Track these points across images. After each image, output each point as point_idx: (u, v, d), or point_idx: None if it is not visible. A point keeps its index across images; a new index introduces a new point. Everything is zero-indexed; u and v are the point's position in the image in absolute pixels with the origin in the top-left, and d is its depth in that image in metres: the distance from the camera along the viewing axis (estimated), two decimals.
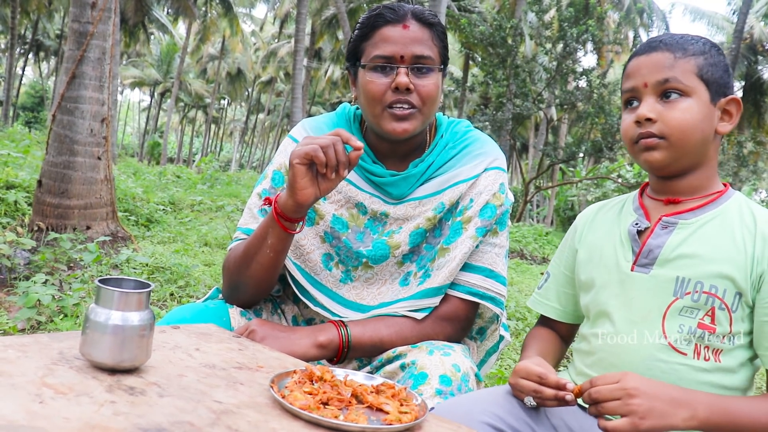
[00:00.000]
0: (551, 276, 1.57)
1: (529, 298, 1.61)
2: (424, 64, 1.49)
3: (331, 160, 1.32)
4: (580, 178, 18.82)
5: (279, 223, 1.41)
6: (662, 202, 1.37)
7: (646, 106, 1.30)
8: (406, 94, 1.48)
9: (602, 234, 1.45)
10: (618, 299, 1.35)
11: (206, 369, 1.12)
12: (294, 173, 1.34)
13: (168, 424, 0.86)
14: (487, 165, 1.58)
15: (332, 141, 1.32)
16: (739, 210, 1.31)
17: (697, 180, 1.34)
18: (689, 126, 1.28)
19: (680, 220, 1.33)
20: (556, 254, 1.59)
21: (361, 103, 1.54)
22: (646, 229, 1.36)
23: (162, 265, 4.86)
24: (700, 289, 1.26)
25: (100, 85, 5.14)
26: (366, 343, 1.48)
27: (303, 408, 0.97)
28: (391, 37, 1.48)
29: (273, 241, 1.43)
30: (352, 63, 1.57)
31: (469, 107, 30.78)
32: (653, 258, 1.32)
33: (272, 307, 1.66)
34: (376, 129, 1.53)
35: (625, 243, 1.38)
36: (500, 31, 16.62)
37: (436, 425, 1.05)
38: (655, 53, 1.31)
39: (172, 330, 1.34)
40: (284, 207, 1.39)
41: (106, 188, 5.34)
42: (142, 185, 10.01)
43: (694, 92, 1.29)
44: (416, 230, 1.56)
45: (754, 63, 28.20)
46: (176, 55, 44.81)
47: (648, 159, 1.32)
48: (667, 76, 1.29)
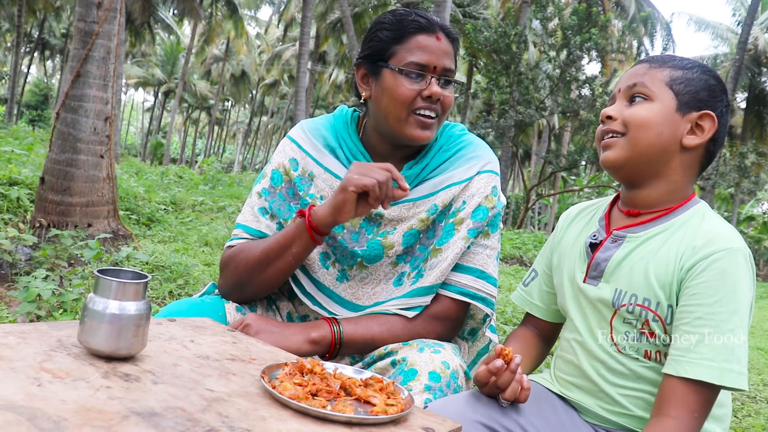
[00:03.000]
0: (537, 275, 1.61)
1: (513, 292, 1.65)
2: (450, 77, 1.57)
3: (382, 195, 1.40)
4: (581, 186, 18.83)
5: (311, 235, 1.47)
6: (624, 213, 1.42)
7: (612, 107, 1.38)
8: (435, 103, 1.54)
9: (571, 241, 1.50)
10: (575, 308, 1.43)
11: (200, 359, 1.16)
12: (346, 199, 1.41)
13: (161, 409, 0.89)
14: (480, 168, 1.62)
15: (387, 178, 1.40)
16: (688, 222, 1.32)
17: (656, 193, 1.36)
18: (644, 123, 1.32)
19: (629, 234, 1.36)
20: (541, 251, 1.64)
21: (381, 103, 1.56)
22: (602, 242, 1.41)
23: (162, 264, 4.89)
24: (634, 301, 1.31)
25: (105, 84, 5.18)
26: (358, 340, 1.51)
27: (292, 398, 1.00)
28: (427, 46, 1.53)
29: (298, 251, 1.49)
30: (374, 61, 1.58)
31: (472, 113, 30.82)
32: (600, 271, 1.37)
33: (267, 303, 1.70)
34: (395, 132, 1.56)
35: (582, 255, 1.44)
36: (504, 37, 16.68)
37: (422, 418, 1.08)
38: (637, 66, 1.39)
39: (168, 322, 1.37)
40: (321, 222, 1.46)
41: (108, 186, 5.37)
42: (144, 185, 10.05)
43: (657, 98, 1.33)
44: (410, 231, 1.59)
45: (758, 74, 28.21)
46: (181, 56, 44.96)
47: (604, 159, 1.38)
48: (635, 81, 1.36)
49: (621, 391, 1.34)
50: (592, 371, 1.38)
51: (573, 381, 1.43)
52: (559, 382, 1.47)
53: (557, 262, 1.52)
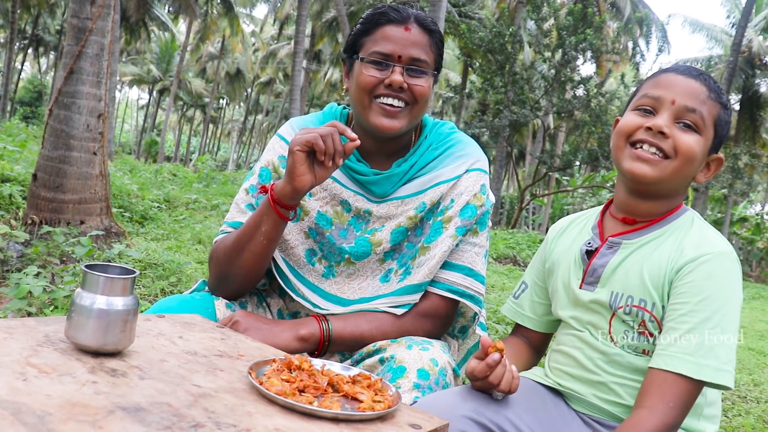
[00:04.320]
0: (528, 287, 1.63)
1: (504, 305, 1.67)
2: (419, 67, 1.55)
3: (329, 148, 1.40)
4: (575, 187, 18.87)
5: (275, 209, 1.47)
6: (619, 220, 1.44)
7: (664, 119, 1.33)
8: (399, 92, 1.54)
9: (564, 250, 1.52)
10: (573, 311, 1.45)
11: (188, 355, 1.16)
12: (294, 160, 1.41)
13: (147, 404, 0.89)
14: (469, 166, 1.62)
15: (330, 131, 1.40)
16: (680, 228, 1.37)
17: (658, 207, 1.40)
18: (692, 158, 1.33)
19: (624, 240, 1.40)
20: (531, 263, 1.66)
21: (351, 94, 1.60)
22: (598, 249, 1.43)
23: (155, 262, 4.88)
24: (630, 303, 1.34)
25: (98, 81, 5.16)
26: (347, 338, 1.51)
27: (279, 393, 1.00)
28: (392, 36, 1.54)
29: (267, 228, 1.49)
30: (349, 55, 1.62)
31: (467, 113, 30.84)
32: (597, 277, 1.40)
33: (258, 300, 1.70)
34: (363, 122, 1.58)
35: (578, 262, 1.46)
36: (499, 37, 16.69)
37: (409, 414, 1.09)
38: (694, 80, 1.35)
39: (157, 318, 1.37)
40: (281, 193, 1.45)
41: (100, 184, 5.36)
42: (138, 182, 10.02)
43: (705, 134, 1.34)
44: (398, 228, 1.60)
45: (752, 76, 28.31)
46: (176, 54, 44.84)
47: (636, 170, 1.34)
48: (696, 107, 1.33)
49: (618, 380, 1.36)
50: (588, 362, 1.40)
51: (569, 371, 1.44)
52: (554, 372, 1.48)
53: (550, 271, 1.54)
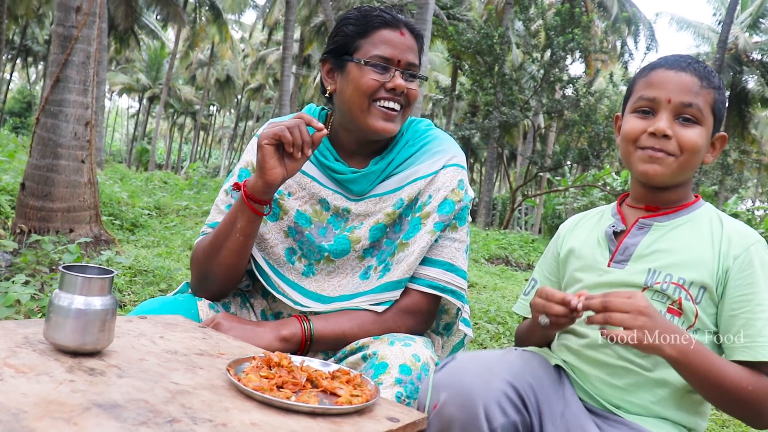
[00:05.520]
0: (537, 282, 1.64)
1: (515, 304, 1.68)
2: (414, 71, 1.61)
3: (296, 139, 1.42)
4: (566, 186, 18.92)
5: (249, 204, 1.48)
6: (641, 209, 1.47)
7: (665, 121, 1.37)
8: (399, 96, 1.58)
9: (583, 238, 1.54)
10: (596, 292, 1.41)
11: (168, 354, 1.17)
12: (263, 154, 1.43)
13: (123, 401, 0.90)
14: (446, 162, 1.64)
15: (296, 122, 1.43)
16: (709, 217, 1.43)
17: (677, 194, 1.45)
18: (697, 150, 1.38)
19: (655, 223, 1.43)
20: (540, 261, 1.67)
21: (345, 95, 1.59)
22: (622, 232, 1.46)
23: (144, 268, 4.87)
24: (669, 280, 1.36)
25: (85, 88, 5.16)
26: (329, 336, 1.52)
27: (256, 389, 1.01)
28: (391, 40, 1.57)
29: (242, 225, 1.50)
30: (339, 55, 1.61)
31: (457, 115, 30.91)
32: (629, 255, 1.42)
33: (241, 300, 1.71)
34: (359, 123, 1.59)
35: (602, 243, 1.48)
36: (487, 39, 16.74)
37: (387, 408, 1.10)
38: (684, 74, 1.39)
39: (138, 320, 1.38)
40: (253, 188, 1.47)
41: (89, 191, 5.35)
42: (128, 190, 9.99)
43: (705, 122, 1.39)
44: (376, 225, 1.61)
45: (739, 73, 28.49)
46: (165, 61, 44.76)
47: (648, 171, 1.39)
48: (691, 101, 1.37)
49: (625, 364, 1.36)
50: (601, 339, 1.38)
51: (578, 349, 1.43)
52: (560, 350, 1.48)
53: (565, 261, 1.55)
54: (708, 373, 1.22)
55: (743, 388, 1.22)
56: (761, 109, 30.91)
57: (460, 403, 1.22)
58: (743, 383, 1.22)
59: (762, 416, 1.26)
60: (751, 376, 1.24)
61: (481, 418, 1.22)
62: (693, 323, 1.34)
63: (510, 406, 1.27)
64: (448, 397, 1.23)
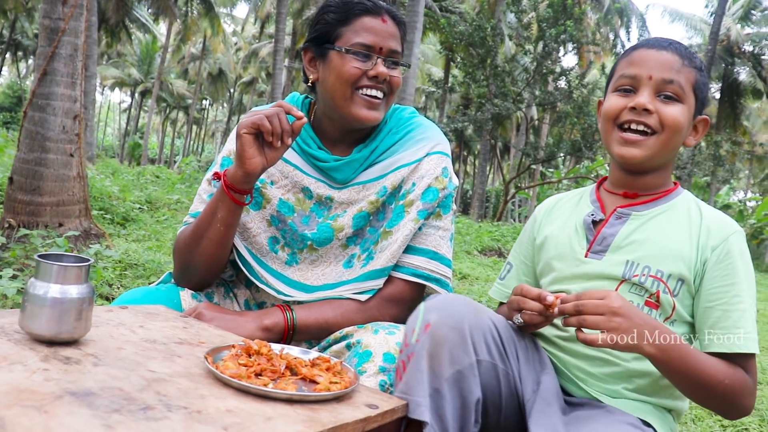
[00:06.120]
0: (513, 267, 1.62)
1: (491, 289, 1.66)
2: (397, 59, 1.60)
3: (276, 128, 1.41)
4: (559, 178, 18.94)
5: (229, 194, 1.47)
6: (619, 195, 1.45)
7: (646, 96, 1.36)
8: (382, 84, 1.56)
9: (559, 224, 1.52)
10: (572, 284, 1.43)
11: (146, 343, 1.16)
12: (242, 143, 1.42)
13: (97, 389, 0.89)
14: (429, 149, 1.63)
15: (276, 111, 1.41)
16: (688, 206, 1.41)
17: (656, 179, 1.43)
18: (678, 128, 1.36)
19: (633, 212, 1.42)
20: (515, 245, 1.65)
21: (327, 83, 1.58)
22: (601, 220, 1.44)
23: (135, 262, 4.85)
24: (647, 272, 1.34)
25: (73, 81, 5.12)
26: (312, 326, 1.51)
27: (234, 376, 1.00)
28: (373, 27, 1.56)
29: (223, 215, 1.49)
30: (320, 44, 1.60)
31: (450, 108, 30.89)
32: (606, 245, 1.40)
33: (224, 291, 1.70)
34: (342, 112, 1.58)
35: (580, 232, 1.46)
36: (480, 31, 16.72)
37: (367, 395, 1.09)
38: (665, 52, 1.38)
39: (119, 309, 1.37)
40: (233, 178, 1.46)
41: (78, 185, 5.32)
42: (120, 184, 9.95)
43: (686, 101, 1.37)
44: (359, 213, 1.60)
45: (731, 65, 28.54)
46: (157, 55, 44.55)
47: (625, 154, 1.38)
48: (672, 77, 1.36)
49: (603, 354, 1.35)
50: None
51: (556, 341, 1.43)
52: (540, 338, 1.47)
53: (544, 245, 1.53)
54: (687, 369, 1.21)
55: (720, 381, 1.22)
56: (753, 100, 31.01)
57: (452, 325, 1.22)
58: (720, 377, 1.22)
59: (735, 408, 1.26)
60: (727, 368, 1.24)
61: (468, 344, 1.23)
62: (670, 315, 1.34)
63: (494, 347, 1.29)
64: (440, 318, 1.23)
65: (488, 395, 1.29)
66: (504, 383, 1.30)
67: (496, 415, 1.32)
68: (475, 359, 1.23)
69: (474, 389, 1.22)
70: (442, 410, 1.18)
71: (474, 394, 1.22)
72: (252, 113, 1.43)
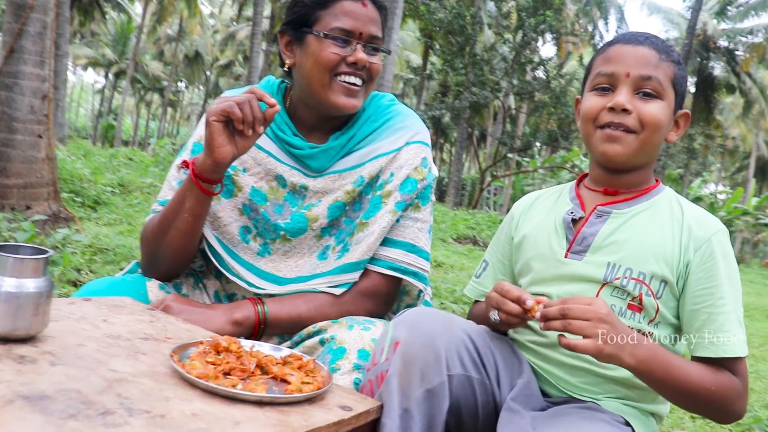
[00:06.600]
0: (489, 264, 1.57)
1: (466, 287, 1.61)
2: (376, 45, 1.53)
3: (247, 115, 1.34)
4: (534, 168, 19.03)
5: (197, 184, 1.41)
6: (599, 192, 1.40)
7: (624, 95, 1.31)
8: (361, 70, 1.51)
9: (538, 222, 1.46)
10: (552, 285, 1.37)
11: (109, 339, 1.10)
12: (211, 131, 1.35)
13: (53, 391, 0.84)
14: (409, 139, 1.58)
15: (247, 98, 1.35)
16: (669, 203, 1.36)
17: (638, 177, 1.38)
18: (659, 126, 1.32)
19: (614, 210, 1.36)
20: (492, 242, 1.59)
21: (304, 69, 1.52)
22: (581, 218, 1.39)
23: (105, 247, 4.75)
24: (629, 275, 1.29)
25: (41, 60, 4.97)
26: (284, 320, 1.46)
27: (200, 377, 0.95)
28: (352, 11, 1.49)
29: (191, 204, 1.43)
30: (298, 27, 1.53)
31: (428, 95, 30.82)
32: (587, 245, 1.35)
33: (194, 281, 1.64)
34: (319, 98, 1.52)
35: (560, 231, 1.40)
36: (459, 19, 16.67)
37: (340, 396, 1.05)
38: (642, 47, 1.33)
39: (82, 302, 1.31)
40: (202, 167, 1.40)
41: (47, 167, 5.19)
42: (91, 167, 9.76)
43: (666, 97, 1.32)
44: (335, 203, 1.55)
45: (706, 59, 28.83)
46: (132, 35, 43.79)
47: (608, 151, 1.33)
48: (650, 73, 1.31)
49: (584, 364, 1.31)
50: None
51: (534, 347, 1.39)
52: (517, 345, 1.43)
53: (522, 244, 1.47)
54: (669, 379, 1.18)
55: (706, 389, 1.19)
56: (726, 95, 31.40)
57: (423, 342, 1.19)
58: (706, 384, 1.19)
59: (726, 413, 1.23)
60: (713, 374, 1.21)
61: (442, 362, 1.20)
62: (653, 318, 1.30)
63: (468, 360, 1.26)
64: (410, 336, 1.19)
65: (463, 405, 1.26)
66: (480, 391, 1.28)
67: (473, 422, 1.29)
68: (446, 377, 1.20)
69: (443, 406, 1.20)
70: (409, 430, 1.14)
71: (442, 412, 1.20)
72: (222, 99, 1.36)
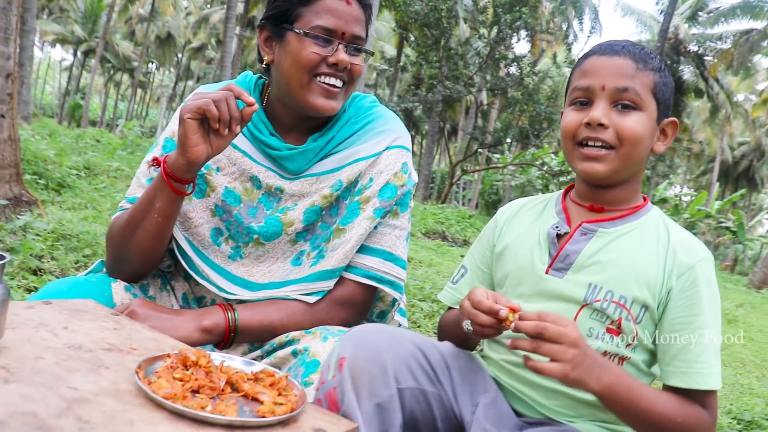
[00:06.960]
0: (468, 272, 1.51)
1: (441, 292, 1.56)
2: (359, 45, 1.48)
3: (223, 114, 1.28)
4: (505, 164, 19.14)
5: (168, 184, 1.35)
6: (585, 208, 1.36)
7: (600, 110, 1.26)
8: (342, 72, 1.45)
9: (521, 233, 1.42)
10: (530, 302, 1.33)
11: (70, 350, 1.03)
12: (185, 129, 1.29)
13: (5, 415, 0.78)
14: (390, 143, 1.53)
15: (224, 95, 1.28)
16: (656, 225, 1.32)
17: (624, 192, 1.34)
18: (639, 139, 1.26)
19: (600, 228, 1.32)
20: (472, 248, 1.54)
21: (283, 67, 1.45)
22: (566, 234, 1.34)
23: (68, 233, 4.62)
24: (610, 298, 1.26)
25: (6, 37, 4.80)
26: (255, 328, 1.41)
27: (167, 397, 0.90)
28: (335, 10, 1.43)
29: (161, 205, 1.36)
30: (278, 23, 1.47)
31: (401, 87, 30.76)
32: (569, 263, 1.31)
33: (161, 283, 1.57)
34: (297, 99, 1.46)
35: (543, 245, 1.35)
36: (435, 12, 16.64)
37: (314, 417, 1.00)
38: (617, 57, 1.28)
39: (42, 306, 1.23)
40: (174, 166, 1.33)
41: (9, 149, 5.02)
42: (56, 148, 9.52)
43: (646, 108, 1.27)
44: (311, 208, 1.49)
45: (676, 63, 29.22)
46: (103, 13, 42.88)
47: (588, 170, 1.28)
48: (627, 85, 1.25)
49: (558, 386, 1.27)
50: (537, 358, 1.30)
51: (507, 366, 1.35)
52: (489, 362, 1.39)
53: (503, 254, 1.42)
54: (635, 408, 1.14)
55: (672, 420, 1.16)
56: (694, 98, 31.90)
57: (369, 357, 1.17)
58: (672, 415, 1.16)
59: None
60: (682, 406, 1.18)
61: (389, 375, 1.18)
62: (631, 342, 1.26)
63: (421, 373, 1.23)
64: (356, 351, 1.17)
65: (419, 419, 1.23)
66: (437, 406, 1.25)
67: None
68: (396, 389, 1.17)
69: (394, 420, 1.17)
70: None
71: (395, 426, 1.17)
72: (197, 95, 1.30)
